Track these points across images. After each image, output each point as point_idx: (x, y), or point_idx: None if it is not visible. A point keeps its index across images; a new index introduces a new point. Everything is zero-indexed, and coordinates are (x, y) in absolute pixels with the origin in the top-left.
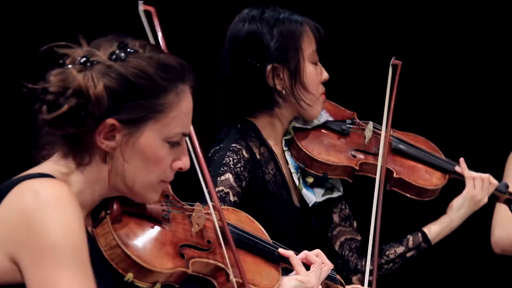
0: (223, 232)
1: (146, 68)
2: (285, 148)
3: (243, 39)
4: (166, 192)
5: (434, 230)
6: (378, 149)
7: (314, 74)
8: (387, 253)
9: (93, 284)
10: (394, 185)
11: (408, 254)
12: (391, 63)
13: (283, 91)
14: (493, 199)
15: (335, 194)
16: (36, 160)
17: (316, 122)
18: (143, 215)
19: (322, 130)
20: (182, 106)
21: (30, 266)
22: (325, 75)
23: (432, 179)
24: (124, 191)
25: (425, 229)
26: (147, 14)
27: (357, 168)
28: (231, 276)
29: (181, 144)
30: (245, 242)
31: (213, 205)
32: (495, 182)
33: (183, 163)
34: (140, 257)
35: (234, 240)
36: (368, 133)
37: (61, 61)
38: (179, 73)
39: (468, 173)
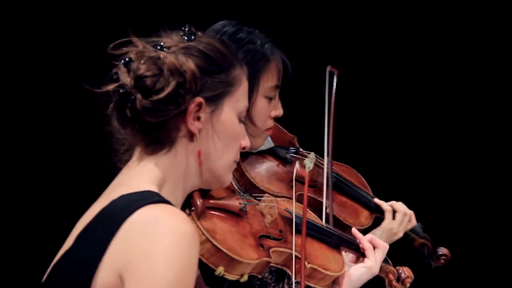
0: (291, 221)
1: (216, 44)
2: None
3: None
4: (232, 188)
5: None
6: (316, 181)
7: (263, 109)
8: None
9: None
10: (326, 221)
11: None
12: (327, 70)
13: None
14: (409, 241)
15: None
16: (117, 165)
17: (262, 147)
18: (223, 210)
19: (266, 156)
20: (244, 81)
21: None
22: (278, 112)
23: (360, 219)
24: (206, 177)
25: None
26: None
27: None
28: (306, 263)
29: (242, 122)
30: (309, 230)
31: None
32: (414, 221)
33: (246, 142)
34: (230, 249)
35: (301, 228)
36: (309, 164)
37: (124, 60)
38: (235, 50)
39: (387, 206)
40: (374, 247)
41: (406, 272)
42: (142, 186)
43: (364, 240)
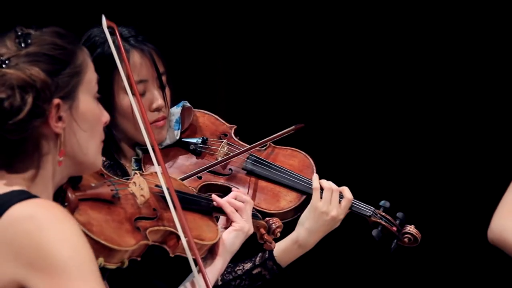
0: (163, 197)
1: (54, 40)
2: (135, 167)
3: None
4: (101, 171)
5: (280, 246)
6: (231, 169)
7: (127, 107)
8: (236, 269)
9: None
10: None
11: (255, 271)
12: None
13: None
14: (365, 222)
15: None
16: None
17: (167, 141)
18: (96, 199)
19: (173, 150)
20: (89, 62)
21: (43, 285)
22: (156, 104)
23: (280, 202)
24: (76, 168)
25: (274, 251)
26: (110, 29)
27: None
28: (182, 237)
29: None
30: (181, 201)
31: (151, 173)
32: (349, 196)
33: (106, 117)
34: (107, 240)
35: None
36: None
37: None
38: (72, 35)
39: (316, 184)
40: (238, 209)
41: (276, 222)
42: (7, 189)
43: (226, 205)
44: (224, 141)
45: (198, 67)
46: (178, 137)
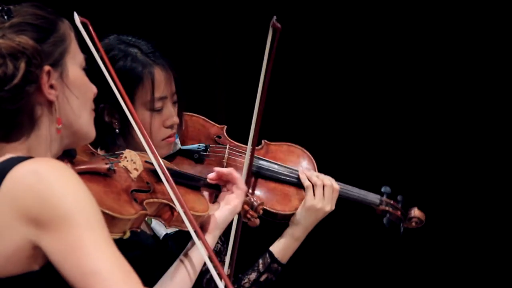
0: (154, 171)
1: (34, 11)
2: None
3: None
4: (91, 150)
5: (278, 246)
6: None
7: (146, 122)
8: (242, 283)
9: (111, 238)
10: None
11: (262, 278)
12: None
13: (117, 130)
14: (372, 211)
15: None
16: None
17: (169, 151)
18: (92, 172)
19: (176, 159)
20: (71, 33)
21: (53, 240)
22: (171, 121)
23: (292, 202)
24: (72, 138)
25: (272, 248)
26: (84, 25)
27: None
28: (177, 208)
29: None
30: (172, 175)
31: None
32: (337, 187)
33: (94, 88)
34: (109, 209)
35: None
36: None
37: None
38: (50, 8)
39: (307, 182)
40: (232, 181)
41: (258, 200)
42: (6, 157)
43: (223, 174)
44: (227, 146)
45: (198, 67)
46: (179, 146)
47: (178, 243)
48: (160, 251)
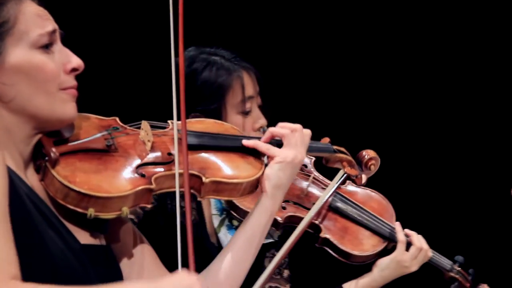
0: (179, 139)
1: None
2: None
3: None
4: (114, 124)
5: (351, 286)
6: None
7: (239, 125)
8: None
9: (10, 235)
10: (322, 244)
11: None
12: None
13: None
14: (440, 274)
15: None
16: None
17: None
18: (85, 150)
19: None
20: (26, 10)
21: None
22: (260, 123)
23: (364, 245)
24: (34, 123)
25: (346, 286)
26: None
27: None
28: (204, 178)
29: (55, 44)
30: (208, 142)
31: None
32: (430, 254)
33: (75, 62)
34: (93, 189)
35: (196, 144)
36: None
37: None
38: None
39: (402, 237)
40: (282, 136)
41: (369, 153)
42: None
43: (258, 144)
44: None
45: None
46: None
47: None
48: None
